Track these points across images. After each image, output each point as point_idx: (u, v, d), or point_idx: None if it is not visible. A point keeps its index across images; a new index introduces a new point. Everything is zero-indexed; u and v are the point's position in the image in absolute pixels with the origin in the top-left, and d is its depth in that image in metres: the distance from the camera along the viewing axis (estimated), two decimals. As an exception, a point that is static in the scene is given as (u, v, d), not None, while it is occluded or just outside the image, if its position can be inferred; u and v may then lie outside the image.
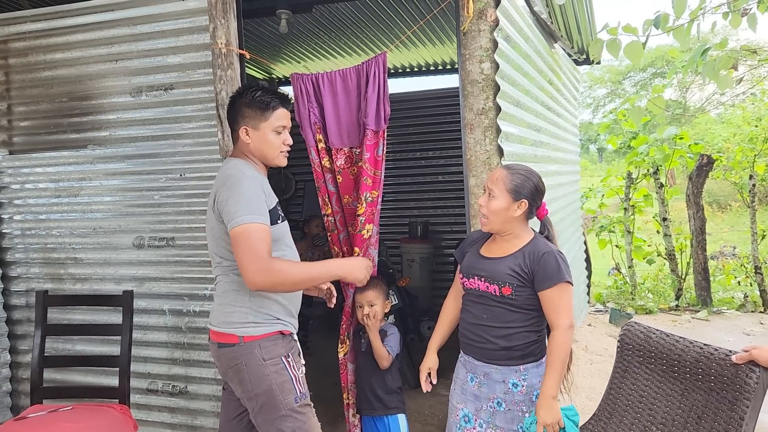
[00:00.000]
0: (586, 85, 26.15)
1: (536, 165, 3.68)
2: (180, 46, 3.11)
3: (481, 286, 2.23)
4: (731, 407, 1.78)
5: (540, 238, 2.25)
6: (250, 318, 2.17)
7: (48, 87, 3.38)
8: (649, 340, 2.12)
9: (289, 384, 2.15)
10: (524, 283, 2.15)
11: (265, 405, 2.13)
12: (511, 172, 2.23)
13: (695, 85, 21.98)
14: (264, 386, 2.12)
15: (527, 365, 2.20)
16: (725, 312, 6.69)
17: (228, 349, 2.17)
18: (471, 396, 2.30)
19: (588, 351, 5.20)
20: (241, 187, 2.12)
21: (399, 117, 6.21)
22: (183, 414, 3.30)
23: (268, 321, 2.19)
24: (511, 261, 2.19)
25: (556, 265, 2.12)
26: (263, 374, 2.12)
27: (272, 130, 2.26)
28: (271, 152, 2.29)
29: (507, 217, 2.20)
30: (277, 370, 2.14)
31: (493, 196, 2.21)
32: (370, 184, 2.94)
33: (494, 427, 2.24)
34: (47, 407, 2.74)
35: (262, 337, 2.16)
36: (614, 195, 8.04)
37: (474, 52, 2.71)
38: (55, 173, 3.44)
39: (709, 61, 3.79)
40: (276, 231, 2.18)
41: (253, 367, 2.13)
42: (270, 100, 2.25)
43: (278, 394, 2.12)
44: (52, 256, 3.48)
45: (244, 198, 2.09)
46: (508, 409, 2.21)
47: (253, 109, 2.25)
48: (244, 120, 2.26)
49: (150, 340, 3.32)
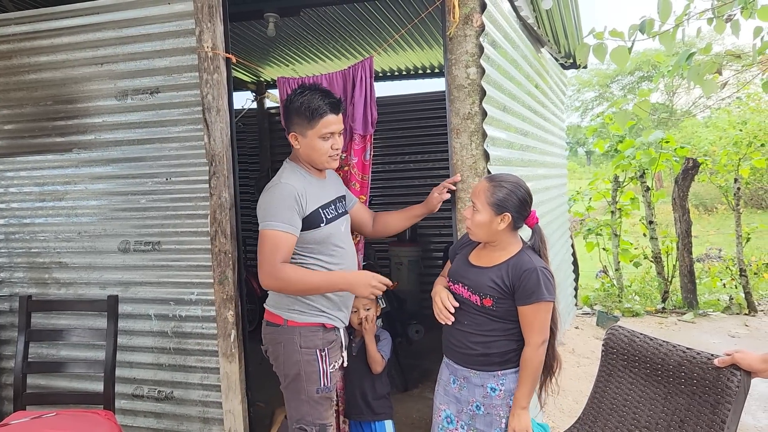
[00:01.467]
0: (575, 89, 26.33)
1: (523, 169, 3.70)
2: (166, 50, 3.10)
3: (464, 294, 2.24)
4: (713, 411, 1.79)
5: (526, 252, 2.23)
6: (297, 306, 2.35)
7: (32, 90, 3.35)
8: (632, 344, 2.14)
9: (316, 375, 2.33)
10: (505, 296, 2.16)
11: (290, 385, 2.37)
12: (494, 184, 2.20)
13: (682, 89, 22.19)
14: (294, 370, 2.33)
15: (506, 371, 2.21)
16: (711, 314, 6.75)
17: (273, 328, 2.40)
18: (453, 398, 2.32)
19: (575, 353, 5.22)
20: (272, 194, 2.28)
21: (387, 120, 6.23)
22: (169, 419, 3.28)
23: (313, 312, 2.36)
24: (494, 273, 2.19)
25: (537, 282, 2.11)
26: (296, 359, 2.33)
27: (319, 137, 2.33)
28: (319, 158, 2.37)
29: (491, 230, 2.20)
30: (309, 360, 2.33)
31: (476, 209, 2.20)
32: (358, 188, 2.94)
33: (474, 429, 2.26)
34: (30, 413, 2.71)
35: (304, 325, 2.35)
36: (601, 198, 8.09)
37: (460, 57, 2.72)
38: (40, 177, 3.41)
39: (695, 65, 3.83)
40: (318, 234, 2.33)
41: (289, 350, 2.33)
42: (317, 108, 2.29)
43: (304, 380, 2.33)
44: (37, 260, 3.45)
45: (271, 205, 2.26)
46: (487, 412, 2.23)
47: (300, 117, 2.32)
48: (292, 126, 2.37)
49: (136, 345, 3.30)
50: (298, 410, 2.37)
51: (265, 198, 2.30)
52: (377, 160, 6.32)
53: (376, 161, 6.32)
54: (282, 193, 2.26)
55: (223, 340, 3.00)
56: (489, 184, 2.21)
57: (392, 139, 6.43)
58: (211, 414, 3.18)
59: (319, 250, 2.36)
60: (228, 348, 3.00)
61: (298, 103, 2.32)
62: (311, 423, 2.36)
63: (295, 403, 2.37)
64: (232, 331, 3.00)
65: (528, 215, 2.25)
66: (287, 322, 2.36)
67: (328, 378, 2.37)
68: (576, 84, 26.08)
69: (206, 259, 3.09)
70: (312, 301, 2.36)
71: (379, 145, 6.33)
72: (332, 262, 2.40)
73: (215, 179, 2.97)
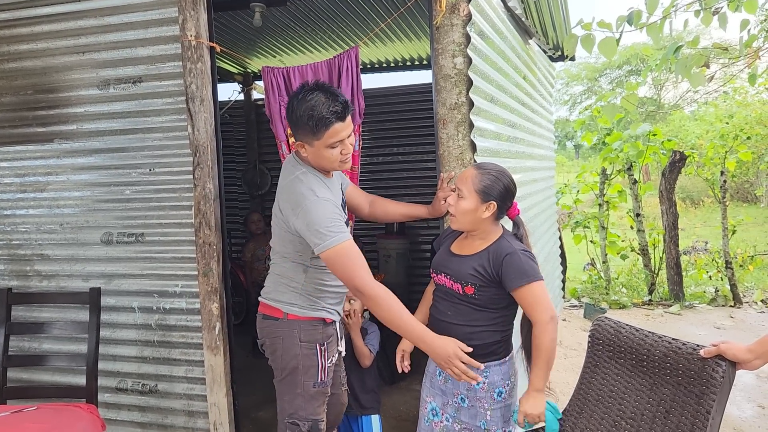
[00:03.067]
0: (563, 82, 26.40)
1: (511, 161, 3.68)
2: (149, 38, 3.05)
3: (447, 283, 2.23)
4: (698, 401, 1.79)
5: (506, 238, 2.22)
6: (299, 300, 2.32)
7: (12, 79, 3.29)
8: (618, 335, 2.13)
9: (314, 370, 2.32)
10: (487, 283, 2.14)
11: (286, 378, 2.34)
12: (482, 172, 2.19)
13: (669, 83, 22.30)
14: (292, 363, 2.31)
15: (490, 363, 2.20)
16: (697, 306, 6.79)
17: (271, 321, 2.36)
18: (438, 390, 2.31)
19: (562, 346, 5.24)
20: (317, 211, 2.11)
21: (374, 112, 6.18)
22: (153, 413, 3.24)
23: (315, 307, 2.33)
24: (475, 261, 2.18)
25: (521, 265, 2.10)
26: (295, 353, 2.30)
27: (326, 147, 2.19)
28: (328, 165, 2.27)
29: (475, 218, 2.18)
30: (308, 354, 2.31)
31: (462, 196, 2.19)
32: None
33: (459, 422, 2.24)
34: (11, 407, 2.67)
35: (305, 319, 2.32)
36: (589, 191, 8.11)
37: (447, 46, 2.69)
38: (21, 168, 3.36)
39: (682, 58, 3.83)
40: None
41: (288, 343, 2.31)
42: (321, 119, 2.12)
43: (301, 374, 2.31)
44: (18, 252, 3.39)
45: (324, 221, 2.10)
46: (471, 405, 2.22)
47: (305, 128, 2.17)
48: (297, 134, 2.22)
49: (119, 337, 3.26)
50: (292, 404, 2.34)
51: (310, 218, 2.11)
52: (365, 152, 6.30)
53: (364, 153, 6.31)
54: (327, 208, 2.14)
55: (208, 333, 2.98)
56: (476, 171, 2.20)
57: (380, 131, 6.39)
58: (196, 407, 3.15)
59: None
60: (213, 340, 2.97)
61: (301, 112, 2.15)
62: (304, 418, 2.33)
63: (290, 396, 2.35)
64: (216, 323, 2.97)
65: (510, 206, 2.24)
66: (287, 316, 2.32)
67: (325, 372, 2.35)
68: (564, 77, 26.15)
69: (190, 251, 3.05)
70: (318, 297, 2.32)
71: (366, 137, 6.30)
72: None
73: (199, 170, 2.93)
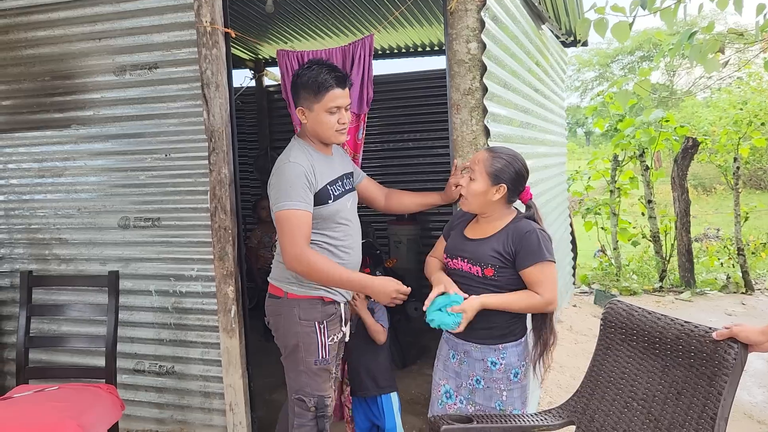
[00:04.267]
0: (575, 68, 26.17)
1: (523, 146, 3.69)
2: (164, 24, 3.08)
3: (464, 267, 2.25)
4: (710, 383, 1.81)
5: (522, 218, 2.25)
6: (295, 278, 2.38)
7: (30, 65, 3.33)
8: (631, 317, 2.15)
9: (314, 347, 2.38)
10: (506, 264, 2.17)
11: (290, 356, 2.43)
12: (494, 155, 2.22)
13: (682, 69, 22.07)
14: (293, 341, 2.39)
15: (506, 344, 2.23)
16: (708, 293, 6.78)
17: (274, 300, 2.46)
18: (452, 373, 2.34)
19: (572, 331, 5.26)
20: (283, 173, 2.29)
21: (386, 99, 6.19)
22: (170, 393, 3.31)
23: (311, 285, 2.37)
24: (494, 242, 2.20)
25: (538, 243, 2.13)
26: (295, 331, 2.38)
27: (325, 111, 2.34)
28: (326, 132, 2.38)
29: (486, 201, 2.21)
30: (307, 332, 2.37)
31: (473, 178, 2.22)
32: None
33: (473, 403, 2.27)
34: (33, 387, 2.74)
35: (303, 298, 2.38)
36: (600, 177, 8.08)
37: (461, 31, 2.70)
38: (39, 153, 3.41)
39: (696, 44, 3.81)
40: (326, 210, 2.35)
41: (289, 321, 2.39)
42: (323, 82, 2.30)
43: (302, 351, 2.38)
44: (37, 236, 3.45)
45: (284, 185, 2.26)
46: (487, 386, 2.25)
47: (308, 91, 2.33)
48: (299, 100, 2.38)
49: (136, 320, 3.32)
50: (297, 381, 2.42)
51: (276, 179, 2.31)
52: (376, 138, 6.31)
53: (375, 140, 6.32)
54: (293, 171, 2.28)
55: (224, 316, 3.02)
56: (488, 154, 2.23)
57: (391, 117, 6.39)
58: (212, 388, 3.22)
59: (325, 226, 2.38)
60: (228, 323, 3.02)
61: (305, 78, 2.33)
62: (309, 394, 2.40)
63: (294, 374, 2.43)
64: (232, 306, 3.02)
65: (523, 190, 2.27)
66: (287, 295, 2.40)
67: (326, 350, 2.40)
68: (576, 63, 25.92)
69: (206, 235, 3.10)
70: None
71: (377, 123, 6.31)
72: (337, 238, 2.42)
73: (215, 155, 2.97)
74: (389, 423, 2.89)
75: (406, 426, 3.04)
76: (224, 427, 3.15)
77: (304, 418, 2.41)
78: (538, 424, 2.18)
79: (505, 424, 2.14)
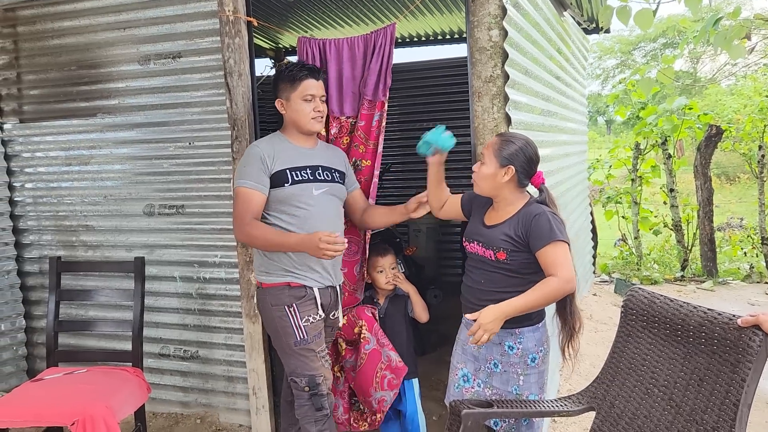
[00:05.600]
0: (596, 56, 25.80)
1: (544, 134, 3.68)
2: (188, 14, 3.11)
3: (479, 251, 2.29)
4: (733, 369, 1.81)
5: (534, 202, 2.27)
6: (264, 268, 2.55)
7: (56, 55, 3.39)
8: (652, 305, 2.15)
9: (290, 329, 2.48)
10: (518, 248, 2.18)
11: (275, 341, 2.59)
12: (503, 139, 2.27)
13: (706, 56, 21.67)
14: (272, 326, 2.55)
15: (523, 329, 2.24)
16: (730, 282, 6.71)
17: (256, 290, 2.65)
18: (471, 357, 2.36)
19: (592, 320, 5.25)
20: (245, 155, 2.52)
21: (406, 87, 6.18)
22: (195, 377, 3.37)
23: (277, 272, 2.51)
24: (506, 226, 2.23)
25: (548, 225, 2.14)
26: (271, 317, 2.53)
27: (301, 99, 2.53)
28: (303, 119, 2.55)
29: (495, 183, 2.24)
30: (281, 316, 2.49)
31: (483, 162, 2.27)
32: (362, 151, 2.93)
33: (491, 387, 2.30)
34: (63, 370, 2.81)
35: (271, 286, 2.52)
36: (622, 166, 8.01)
37: (483, 18, 2.69)
38: (65, 141, 3.47)
39: (722, 30, 3.75)
40: (281, 193, 2.48)
41: (266, 309, 2.55)
42: (298, 72, 2.53)
43: (282, 335, 2.51)
44: (64, 223, 3.52)
45: (241, 165, 2.49)
46: (504, 370, 2.27)
47: (284, 82, 2.55)
48: (278, 93, 2.59)
49: (161, 306, 3.38)
50: (288, 364, 2.53)
51: (241, 159, 2.52)
52: (396, 127, 6.30)
53: (395, 128, 6.31)
54: (249, 153, 2.49)
55: (247, 302, 3.06)
56: (499, 139, 2.29)
57: (412, 105, 6.38)
58: (235, 372, 3.27)
59: (281, 209, 2.49)
60: (251, 309, 3.06)
61: (282, 72, 2.57)
62: (300, 375, 2.48)
63: (284, 357, 2.55)
64: (255, 292, 3.05)
65: (534, 174, 2.29)
66: (262, 284, 2.56)
67: (303, 331, 2.49)
68: (597, 51, 25.56)
69: (229, 222, 3.14)
70: (276, 260, 2.50)
71: (397, 111, 6.30)
72: (291, 222, 2.49)
73: (237, 143, 3.00)
74: (410, 408, 2.92)
75: (425, 411, 3.07)
76: (247, 410, 3.21)
77: (302, 398, 2.51)
78: (558, 409, 2.20)
79: (526, 410, 2.16)
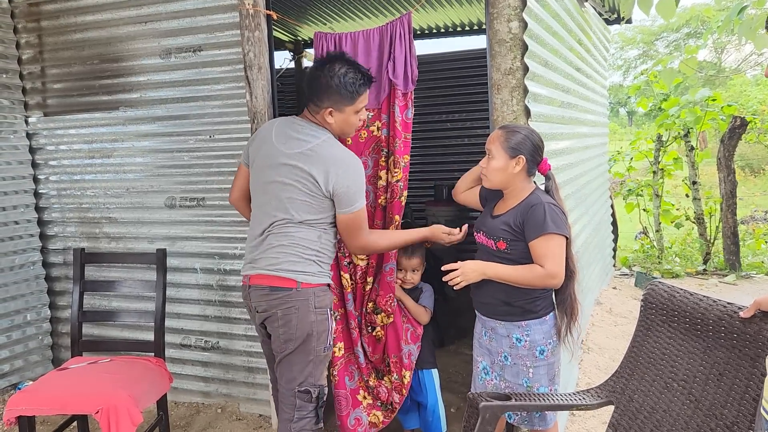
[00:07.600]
0: (617, 46, 25.45)
1: (564, 126, 3.65)
2: (208, 7, 3.14)
3: (483, 241, 2.33)
4: (752, 364, 1.79)
5: (537, 193, 2.27)
6: (312, 268, 2.32)
7: (80, 49, 3.44)
8: (672, 299, 2.14)
9: (326, 334, 2.33)
10: (517, 237, 2.20)
11: (300, 348, 2.30)
12: (508, 130, 2.28)
13: (731, 46, 21.28)
14: (306, 331, 2.28)
15: (530, 321, 2.25)
16: (754, 276, 6.62)
17: (285, 292, 2.29)
18: (486, 350, 2.40)
19: (612, 313, 5.21)
20: (357, 171, 2.32)
21: (424, 79, 6.12)
22: (215, 368, 3.42)
23: (323, 273, 2.36)
24: (508, 216, 2.25)
25: (543, 216, 2.14)
26: (310, 320, 2.28)
27: (355, 113, 2.39)
28: (350, 130, 2.46)
29: (507, 175, 2.25)
30: (321, 320, 2.31)
31: (492, 156, 2.27)
32: (401, 148, 2.93)
33: (504, 380, 2.32)
34: (87, 359, 2.87)
35: (317, 286, 2.32)
36: (643, 158, 7.91)
37: (502, 10, 2.68)
38: (89, 135, 3.53)
39: (747, 19, 3.69)
40: None
41: (303, 311, 2.28)
42: (359, 85, 2.33)
43: (314, 340, 2.30)
44: (87, 215, 3.59)
45: (360, 183, 2.33)
46: (513, 363, 2.28)
47: (342, 94, 2.32)
48: (330, 101, 2.33)
49: (183, 297, 3.43)
50: (303, 372, 2.33)
51: (352, 176, 2.30)
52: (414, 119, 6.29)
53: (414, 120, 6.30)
54: (360, 170, 2.35)
55: (266, 293, 3.09)
56: (503, 131, 2.29)
57: (430, 98, 6.37)
58: (255, 363, 3.31)
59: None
60: (271, 300, 3.08)
61: (337, 81, 2.30)
62: (314, 384, 2.34)
63: (301, 366, 2.33)
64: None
65: (540, 161, 2.29)
66: (301, 285, 2.29)
67: (332, 335, 2.41)
68: (619, 41, 25.22)
69: (249, 215, 3.16)
70: (326, 262, 2.38)
71: (415, 104, 6.28)
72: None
73: (257, 136, 3.01)
74: (431, 399, 2.94)
75: (445, 403, 3.08)
76: (268, 401, 3.24)
77: (305, 410, 2.34)
78: (576, 403, 2.19)
79: (544, 402, 2.16)
